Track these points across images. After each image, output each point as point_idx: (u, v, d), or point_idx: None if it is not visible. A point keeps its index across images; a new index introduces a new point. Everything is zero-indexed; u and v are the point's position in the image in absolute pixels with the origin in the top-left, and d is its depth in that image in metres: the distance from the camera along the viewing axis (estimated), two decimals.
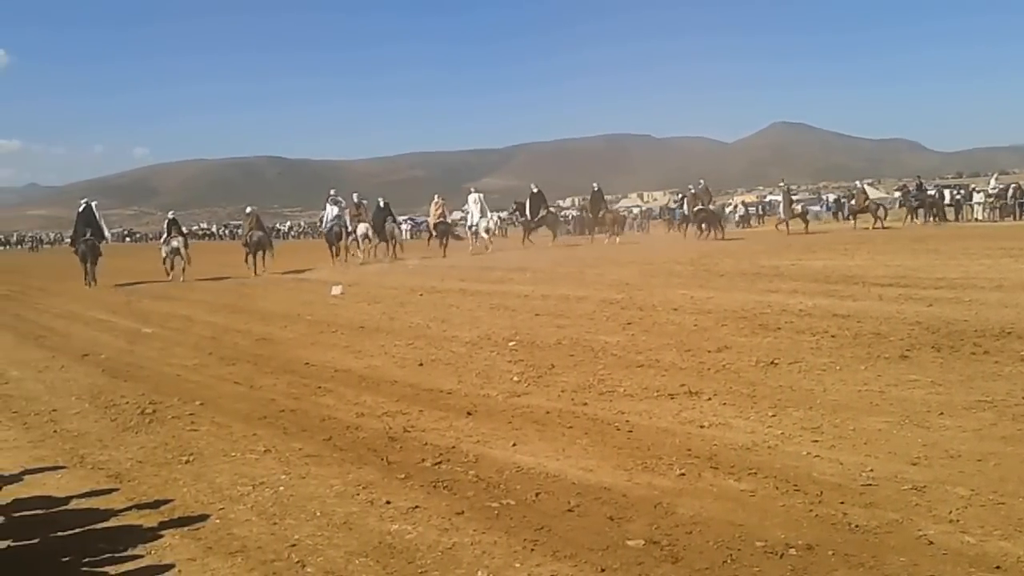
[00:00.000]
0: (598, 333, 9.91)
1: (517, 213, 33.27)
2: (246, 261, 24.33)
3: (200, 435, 6.45)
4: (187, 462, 5.75)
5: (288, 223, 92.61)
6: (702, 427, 5.90)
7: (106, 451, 6.16)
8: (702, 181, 33.85)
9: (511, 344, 9.53)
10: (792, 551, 3.83)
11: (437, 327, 11.18)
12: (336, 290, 16.43)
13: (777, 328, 9.49)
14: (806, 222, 32.99)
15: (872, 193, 65.57)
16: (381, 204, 28.43)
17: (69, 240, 24.69)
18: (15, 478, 5.56)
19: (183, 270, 23.29)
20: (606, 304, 12.38)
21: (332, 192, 28.22)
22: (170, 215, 25.83)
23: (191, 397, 7.73)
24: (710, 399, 6.61)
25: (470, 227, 30.38)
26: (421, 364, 8.77)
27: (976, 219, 37.45)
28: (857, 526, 4.07)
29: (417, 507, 4.64)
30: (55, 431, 6.87)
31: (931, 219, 34.68)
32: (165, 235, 24.61)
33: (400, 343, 10.06)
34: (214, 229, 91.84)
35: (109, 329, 13.24)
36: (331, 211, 27.01)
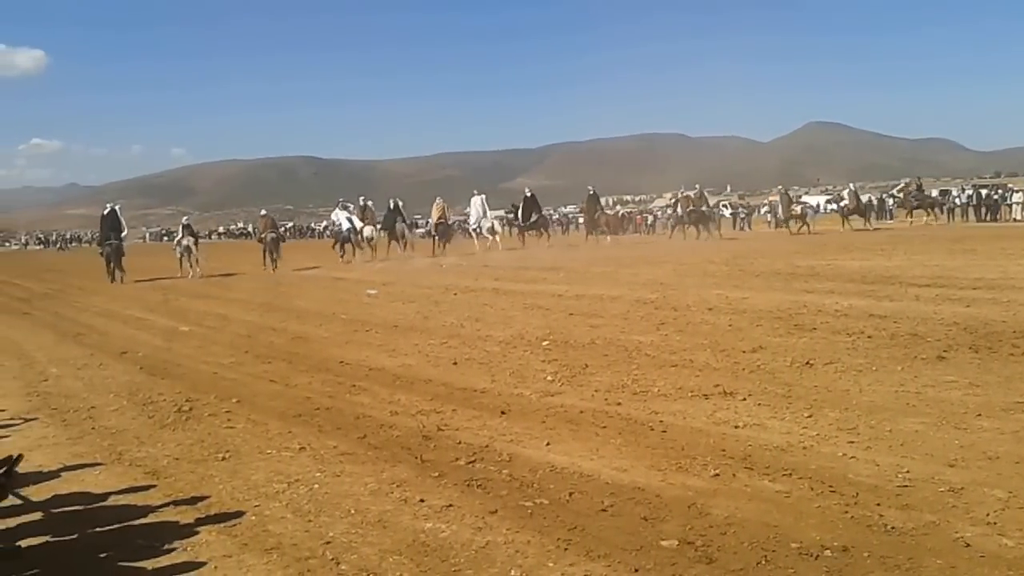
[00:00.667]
0: (632, 333, 9.89)
1: (512, 216, 35.47)
2: (264, 259, 26.55)
3: (236, 432, 6.53)
4: (223, 459, 5.82)
5: (324, 223, 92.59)
6: (737, 427, 5.86)
7: (143, 448, 6.25)
8: (697, 186, 36.18)
9: (545, 343, 9.53)
10: (827, 552, 3.80)
11: (471, 326, 11.22)
12: (372, 291, 16.53)
13: (813, 328, 9.40)
14: (804, 223, 34.22)
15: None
16: (391, 206, 30.67)
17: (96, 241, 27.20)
18: (53, 474, 5.67)
19: (192, 266, 25.21)
20: (640, 304, 12.34)
21: (341, 200, 32.16)
22: (184, 220, 28.39)
23: (227, 395, 7.82)
24: (745, 399, 6.57)
25: (473, 228, 32.63)
26: (455, 363, 8.80)
27: (1015, 219, 36.86)
28: (893, 528, 4.03)
29: (451, 506, 4.66)
30: (93, 428, 6.97)
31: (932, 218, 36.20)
32: (179, 237, 26.98)
33: (434, 342, 10.10)
34: (250, 228, 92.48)
35: (147, 327, 13.41)
36: (340, 216, 29.90)
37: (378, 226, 29.36)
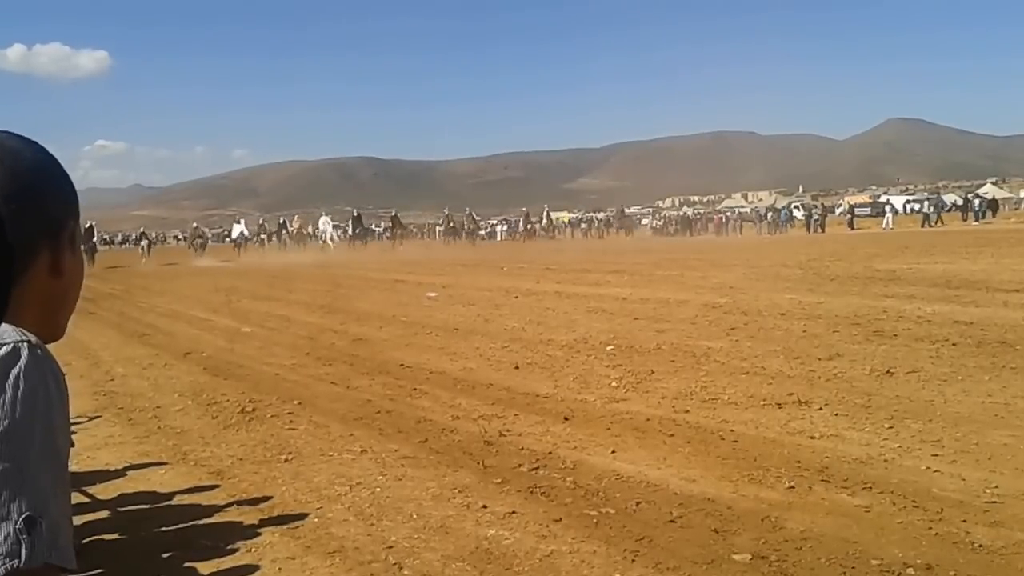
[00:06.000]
0: (700, 338, 9.67)
1: (346, 230, 49.94)
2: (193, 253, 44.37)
3: (298, 434, 6.53)
4: (286, 461, 5.82)
5: (383, 224, 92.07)
6: (812, 438, 5.66)
7: (208, 448, 6.29)
8: (467, 208, 57.06)
9: (609, 348, 9.37)
10: (910, 570, 3.65)
11: (533, 330, 11.10)
12: (432, 294, 16.54)
13: (893, 335, 9.08)
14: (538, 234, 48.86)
15: (998, 193, 63.60)
16: (281, 221, 50.01)
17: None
18: (120, 473, 5.74)
19: (148, 258, 41.30)
20: (708, 308, 12.10)
21: (239, 219, 53.23)
22: (141, 229, 50.08)
23: (289, 396, 7.83)
24: (821, 409, 6.35)
25: (320, 236, 46.60)
26: (517, 367, 8.69)
27: None
28: (981, 545, 3.86)
29: (514, 512, 4.57)
30: (159, 427, 7.04)
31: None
32: (139, 239, 45.98)
33: (495, 346, 10.01)
34: (309, 230, 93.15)
35: (210, 328, 13.50)
36: (236, 228, 48.84)
37: (272, 234, 48.52)
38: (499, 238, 63.54)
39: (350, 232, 47.29)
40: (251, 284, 22.57)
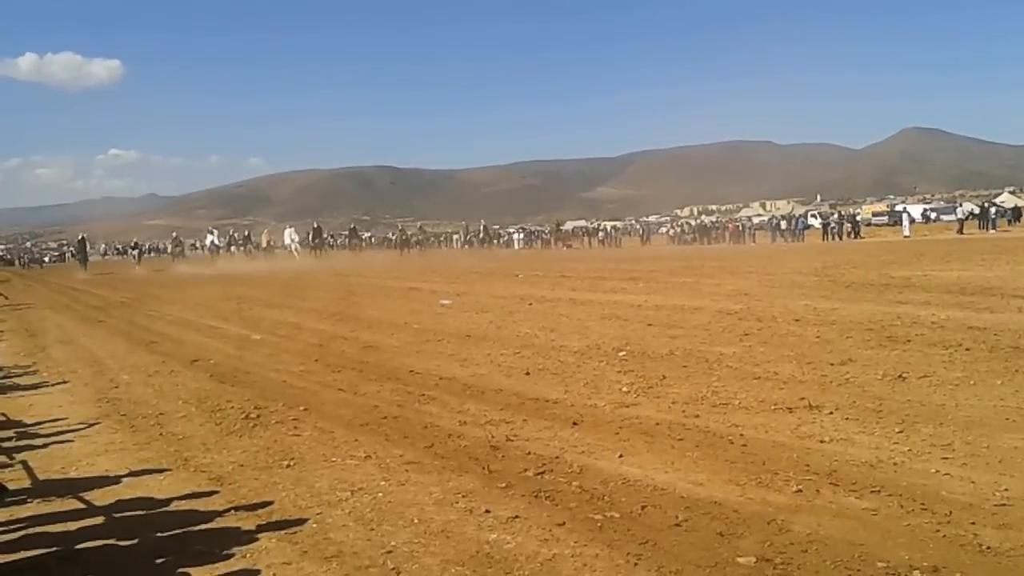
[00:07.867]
0: (713, 344, 9.61)
1: (308, 239, 55.39)
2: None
3: (302, 440, 6.50)
4: (288, 466, 5.79)
5: (395, 234, 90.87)
6: (822, 442, 5.61)
7: (209, 454, 6.26)
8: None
9: (621, 354, 9.33)
10: (916, 573, 3.62)
11: (545, 336, 11.06)
12: (445, 301, 16.49)
13: (906, 341, 9.01)
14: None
15: (1016, 202, 63.16)
16: (245, 233, 57.33)
17: (73, 253, 57.92)
18: (118, 479, 5.71)
19: (137, 266, 49.28)
20: (723, 314, 12.03)
21: (211, 228, 59.78)
22: (134, 240, 62.62)
23: (295, 403, 7.80)
24: (831, 413, 6.29)
25: (287, 246, 50.80)
26: (527, 373, 8.66)
27: None
28: (989, 548, 3.81)
29: (517, 517, 4.54)
30: (161, 434, 7.00)
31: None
32: (133, 247, 58.94)
33: (507, 352, 9.97)
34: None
35: (219, 336, 13.45)
36: (209, 237, 53.61)
37: (240, 243, 54.14)
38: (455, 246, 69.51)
39: (310, 242, 53.50)
40: (263, 292, 22.53)
